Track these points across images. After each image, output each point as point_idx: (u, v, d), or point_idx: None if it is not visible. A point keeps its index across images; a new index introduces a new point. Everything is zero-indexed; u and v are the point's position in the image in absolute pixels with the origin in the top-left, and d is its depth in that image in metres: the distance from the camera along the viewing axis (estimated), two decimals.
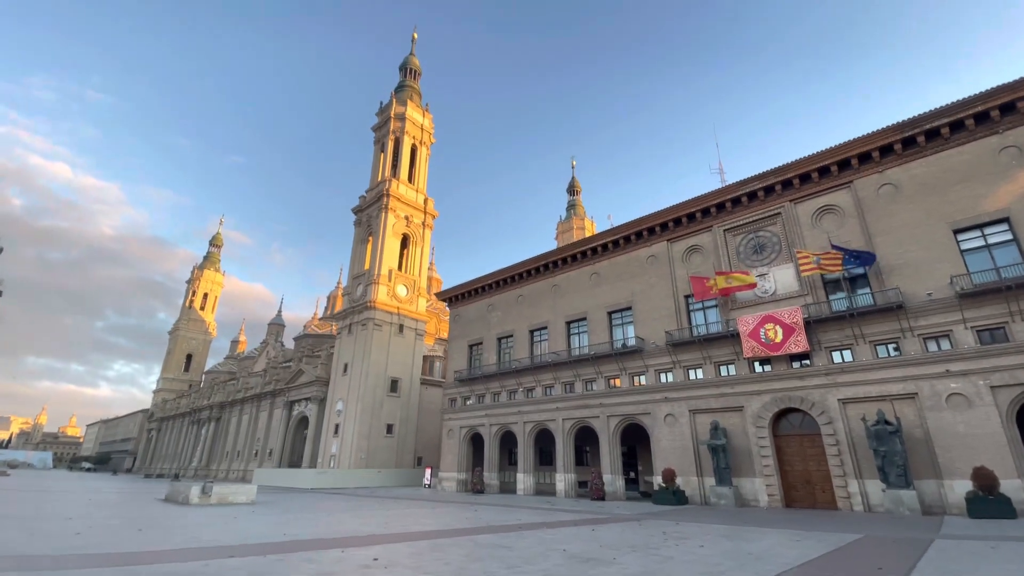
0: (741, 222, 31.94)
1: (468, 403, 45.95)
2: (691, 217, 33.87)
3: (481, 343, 47.05)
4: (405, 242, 71.88)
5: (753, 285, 29.78)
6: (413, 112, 77.46)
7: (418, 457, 61.85)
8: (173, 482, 28.98)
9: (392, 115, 76.24)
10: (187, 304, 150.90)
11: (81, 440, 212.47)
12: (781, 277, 29.65)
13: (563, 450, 36.65)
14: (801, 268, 27.61)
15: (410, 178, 75.09)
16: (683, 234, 34.40)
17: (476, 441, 45.63)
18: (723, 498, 27.24)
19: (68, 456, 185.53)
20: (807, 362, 27.44)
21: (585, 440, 39.93)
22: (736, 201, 32.04)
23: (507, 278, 45.82)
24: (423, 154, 77.94)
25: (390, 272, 66.60)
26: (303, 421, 72.74)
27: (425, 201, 74.80)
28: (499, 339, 45.55)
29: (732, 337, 29.50)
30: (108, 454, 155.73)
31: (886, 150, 27.64)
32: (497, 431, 42.62)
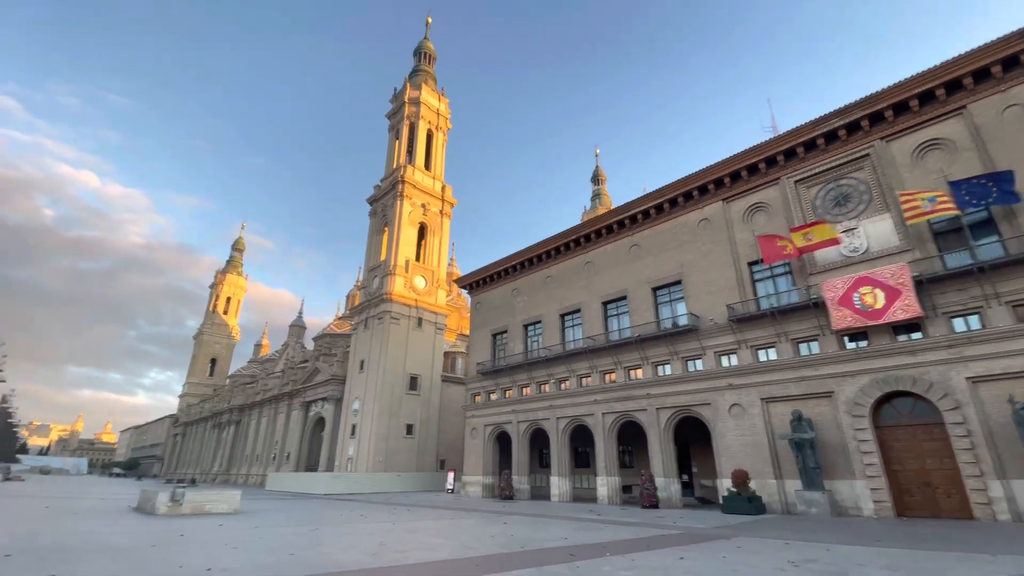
0: (818, 170, 26.33)
1: (492, 398, 41.15)
2: (752, 169, 28.37)
3: (505, 331, 42.23)
4: (423, 232, 67.74)
5: (838, 241, 24.20)
6: (428, 96, 73.43)
7: (441, 460, 57.33)
8: (143, 488, 24.93)
9: (406, 100, 72.35)
10: (211, 308, 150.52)
11: (115, 446, 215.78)
12: (875, 231, 23.96)
13: (604, 449, 31.46)
14: (906, 214, 21.96)
15: (427, 165, 71.01)
16: (743, 191, 28.91)
17: (503, 441, 40.76)
18: (814, 505, 21.68)
19: (101, 462, 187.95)
20: (917, 334, 21.75)
21: (628, 438, 34.67)
22: (810, 145, 26.47)
23: (533, 258, 40.91)
24: (439, 140, 73.74)
25: (407, 263, 62.46)
26: (320, 422, 69.12)
27: (443, 188, 70.56)
28: (525, 326, 40.65)
29: (814, 307, 23.95)
30: (138, 459, 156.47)
31: (1010, 63, 21.81)
32: (526, 429, 37.67)
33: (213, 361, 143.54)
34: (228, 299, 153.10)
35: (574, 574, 9.03)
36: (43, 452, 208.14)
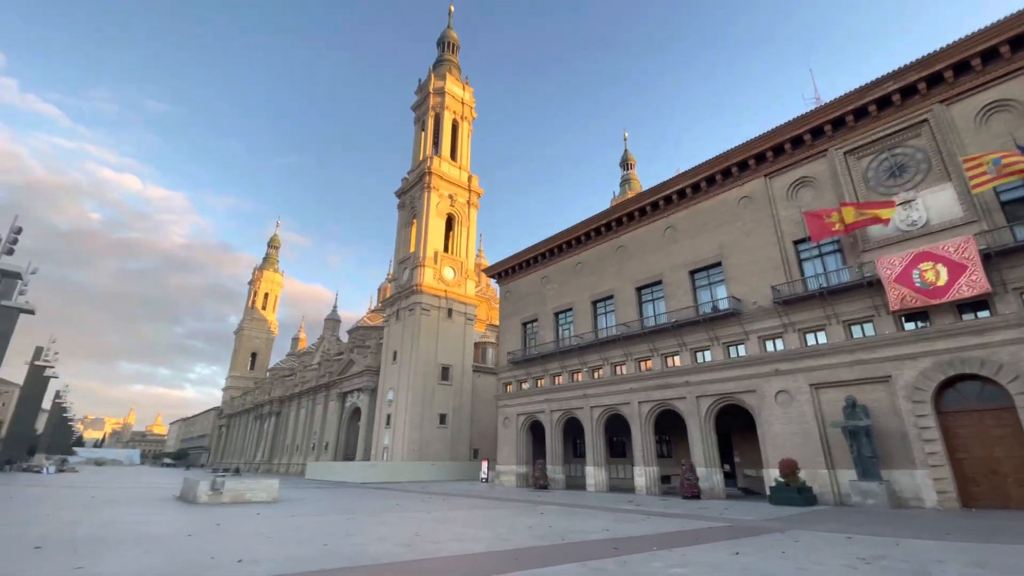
0: (870, 139, 24.52)
1: (524, 387, 40.67)
2: (797, 142, 26.69)
3: (536, 320, 41.59)
4: (450, 223, 67.61)
5: (888, 219, 22.50)
6: (452, 86, 72.86)
7: (474, 449, 57.48)
8: (186, 478, 25.58)
9: (431, 90, 71.98)
10: (250, 304, 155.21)
11: (165, 438, 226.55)
12: (935, 202, 22.14)
13: (641, 439, 30.56)
14: (971, 182, 20.14)
15: (452, 155, 70.63)
16: (786, 165, 27.28)
17: (536, 430, 40.32)
18: (870, 496, 20.35)
19: (152, 453, 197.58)
20: (985, 312, 20.03)
21: (666, 427, 33.67)
22: (861, 112, 24.64)
23: (562, 244, 40.03)
24: (465, 130, 73.17)
25: (436, 254, 62.45)
26: (356, 413, 70.39)
27: (469, 179, 70.12)
28: (556, 314, 39.90)
29: (868, 286, 22.38)
30: (187, 450, 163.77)
31: None
32: (559, 418, 37.07)
33: (254, 355, 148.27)
34: (266, 295, 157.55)
35: (621, 570, 8.39)
36: (98, 444, 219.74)
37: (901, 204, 22.82)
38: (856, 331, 23.16)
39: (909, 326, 21.72)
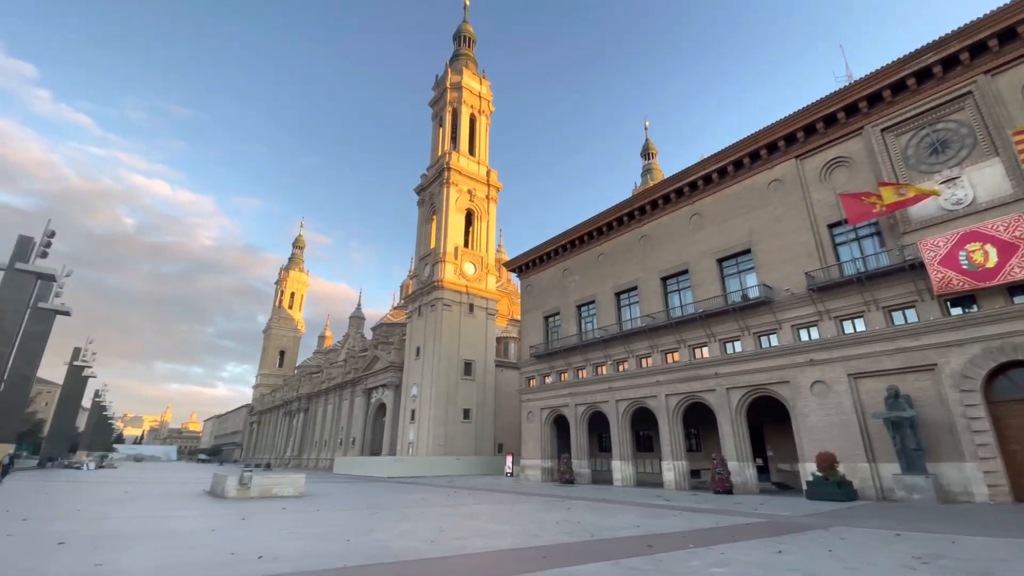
0: (909, 114, 23.17)
1: (548, 381, 40.23)
2: (830, 120, 25.45)
3: (558, 313, 41.06)
4: (470, 219, 67.43)
5: (935, 194, 21.26)
6: (469, 80, 72.48)
7: (498, 444, 57.41)
8: (215, 473, 25.97)
9: (448, 85, 71.77)
10: (277, 304, 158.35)
11: (200, 434, 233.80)
12: (982, 179, 20.79)
13: (669, 432, 29.81)
14: (1022, 156, 18.84)
15: (471, 150, 70.36)
16: (818, 145, 26.06)
17: (560, 424, 39.87)
18: (916, 491, 19.30)
19: (188, 449, 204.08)
20: None
21: (694, 420, 32.83)
22: (899, 87, 23.31)
23: (583, 236, 39.33)
24: (483, 124, 72.77)
25: (456, 249, 62.41)
26: (381, 408, 71.09)
27: (488, 173, 69.74)
28: (578, 307, 39.28)
29: (910, 270, 21.18)
30: (220, 446, 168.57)
31: None
32: (584, 412, 36.53)
33: (282, 353, 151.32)
34: (292, 294, 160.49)
35: (657, 570, 7.91)
36: (137, 441, 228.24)
37: (945, 182, 21.53)
38: (897, 317, 22.00)
39: (955, 311, 20.50)
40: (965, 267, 19.58)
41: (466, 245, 65.13)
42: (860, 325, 22.93)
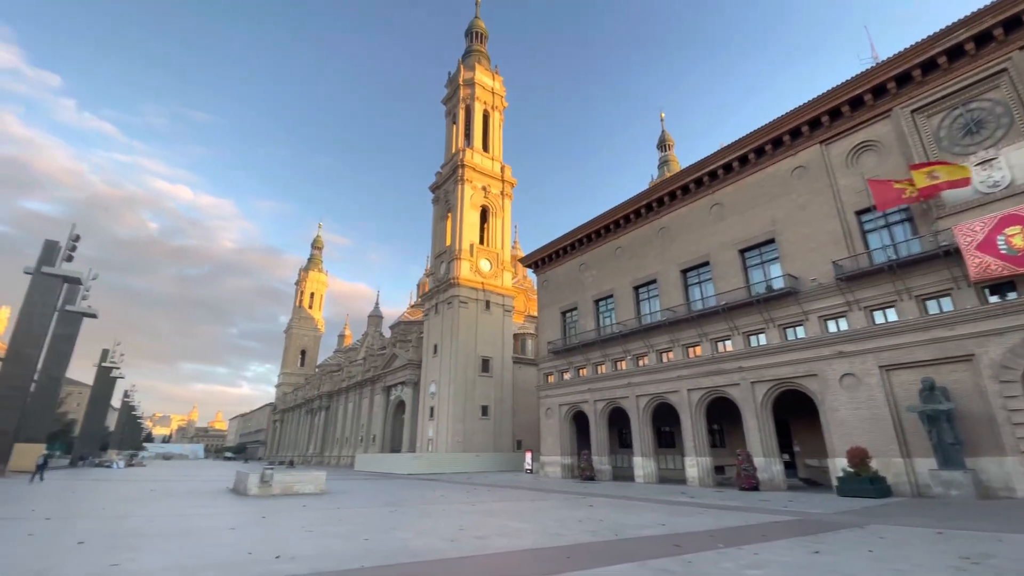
0: (940, 94, 22.15)
1: (566, 377, 39.84)
2: (856, 103, 24.50)
3: (575, 308, 40.61)
4: (485, 215, 67.15)
5: (967, 180, 20.28)
6: (482, 76, 72.10)
7: (517, 440, 57.20)
8: (238, 470, 26.24)
9: (460, 82, 71.49)
10: (297, 304, 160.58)
11: (226, 433, 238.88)
12: (1020, 159, 19.75)
13: (692, 428, 29.21)
14: None
15: (484, 147, 70.02)
16: (844, 129, 25.13)
17: (579, 420, 39.47)
18: (954, 487, 18.48)
19: (215, 447, 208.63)
20: None
21: (717, 415, 32.14)
22: (930, 66, 22.30)
23: (600, 229, 38.78)
24: (496, 120, 72.36)
25: (471, 246, 62.22)
26: (400, 406, 71.48)
27: (502, 169, 69.36)
28: (596, 301, 38.77)
29: (945, 256, 20.27)
30: (245, 444, 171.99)
31: None
32: (604, 408, 36.06)
33: (303, 353, 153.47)
34: (312, 294, 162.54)
35: (687, 572, 7.54)
36: (166, 440, 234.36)
37: (980, 164, 20.52)
38: (932, 306, 21.10)
39: (993, 298, 19.55)
40: (1004, 252, 18.63)
41: (481, 242, 64.92)
42: (892, 315, 22.06)
